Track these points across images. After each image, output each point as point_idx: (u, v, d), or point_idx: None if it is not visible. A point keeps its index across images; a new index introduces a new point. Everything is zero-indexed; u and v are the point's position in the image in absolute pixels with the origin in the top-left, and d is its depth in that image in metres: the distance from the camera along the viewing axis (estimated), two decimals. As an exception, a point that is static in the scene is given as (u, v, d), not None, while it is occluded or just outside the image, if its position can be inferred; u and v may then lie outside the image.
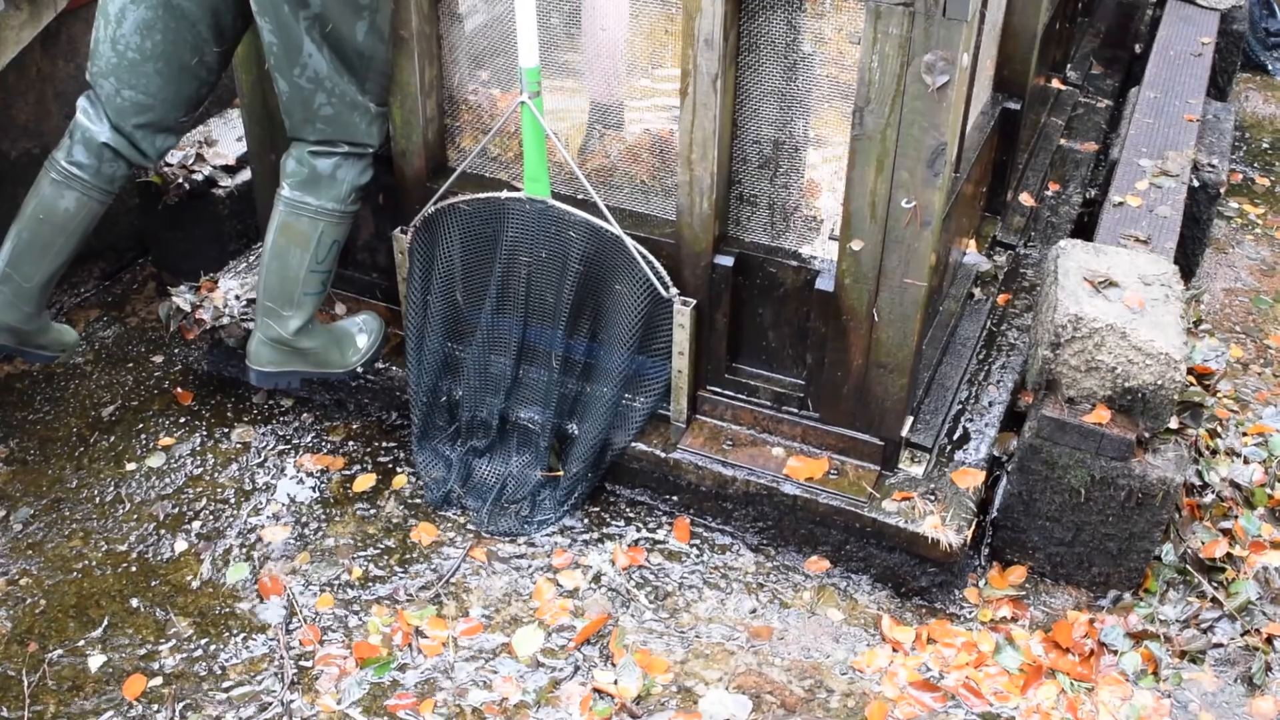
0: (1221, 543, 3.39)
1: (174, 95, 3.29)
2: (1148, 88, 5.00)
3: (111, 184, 3.36)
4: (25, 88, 3.99)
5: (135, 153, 3.34)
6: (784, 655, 3.20)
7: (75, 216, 3.35)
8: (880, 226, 3.06)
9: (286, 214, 3.39)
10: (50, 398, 3.99)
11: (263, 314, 3.48)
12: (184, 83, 3.29)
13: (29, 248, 3.36)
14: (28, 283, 3.39)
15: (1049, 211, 4.62)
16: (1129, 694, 3.10)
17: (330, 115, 3.29)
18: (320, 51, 3.18)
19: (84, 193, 3.33)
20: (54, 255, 3.39)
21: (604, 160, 3.46)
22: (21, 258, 3.37)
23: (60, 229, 3.36)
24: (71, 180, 3.31)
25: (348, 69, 3.25)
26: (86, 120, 3.30)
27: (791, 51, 3.06)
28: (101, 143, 3.29)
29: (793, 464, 3.42)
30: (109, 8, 3.19)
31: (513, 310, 3.50)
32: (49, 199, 3.33)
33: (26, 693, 3.03)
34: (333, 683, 3.06)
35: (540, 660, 3.14)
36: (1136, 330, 3.15)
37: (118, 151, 3.31)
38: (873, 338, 3.22)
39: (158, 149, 3.38)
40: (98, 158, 3.30)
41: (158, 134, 3.35)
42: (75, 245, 3.41)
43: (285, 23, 3.14)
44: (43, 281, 3.41)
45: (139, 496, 3.63)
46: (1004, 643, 3.23)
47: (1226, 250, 5.23)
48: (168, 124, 3.35)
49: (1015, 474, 3.39)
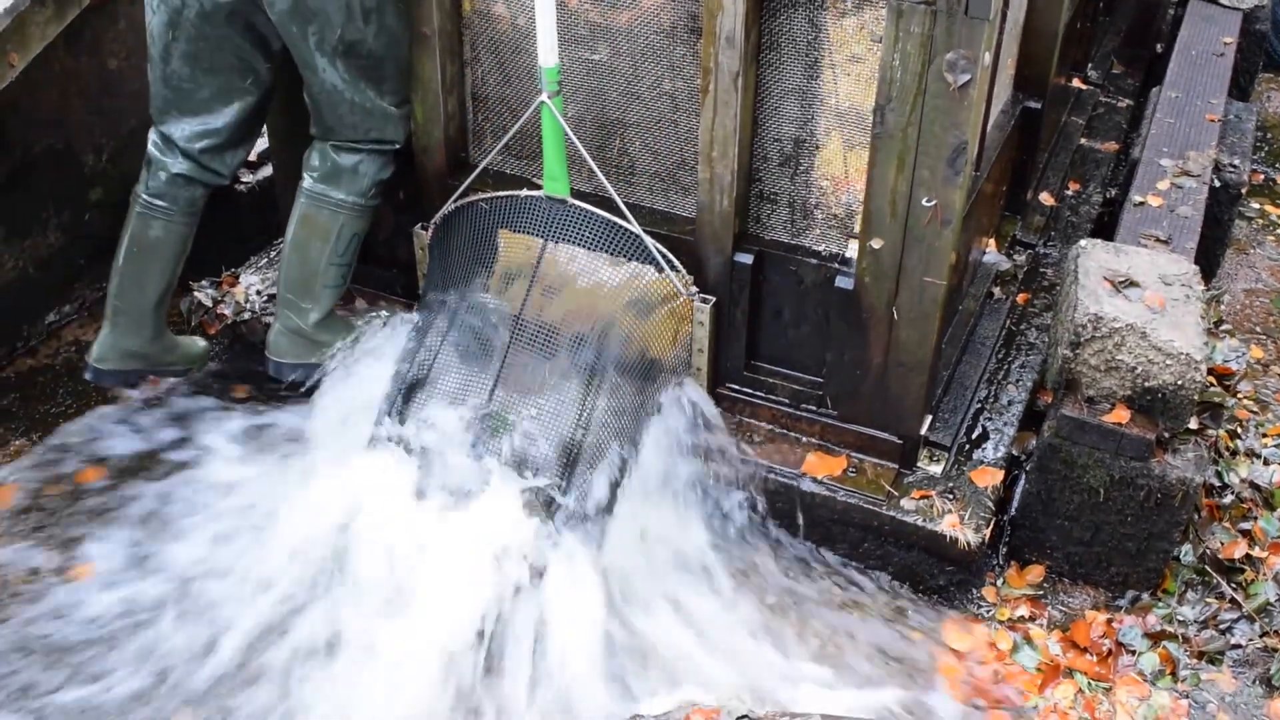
0: (1241, 544, 3.38)
1: (234, 115, 3.40)
2: (1169, 87, 4.99)
3: (192, 206, 3.50)
4: (49, 83, 4.01)
5: (209, 174, 3.46)
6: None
7: (165, 243, 3.49)
8: (900, 225, 3.06)
9: (308, 206, 3.44)
10: (72, 391, 4.01)
11: (283, 305, 3.53)
12: (241, 101, 3.39)
13: (131, 279, 3.51)
14: (139, 311, 3.55)
15: (1069, 211, 4.61)
16: (1146, 694, 3.09)
17: (354, 121, 3.36)
18: (333, 66, 3.25)
19: (168, 220, 3.47)
20: (155, 281, 3.53)
21: (623, 158, 3.47)
22: (126, 289, 3.52)
23: (155, 257, 3.50)
24: (154, 210, 3.46)
25: (364, 77, 3.30)
26: (157, 153, 3.43)
27: (813, 50, 3.06)
28: (175, 173, 3.43)
29: (811, 461, 3.42)
30: (153, 50, 3.32)
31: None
32: (137, 231, 3.48)
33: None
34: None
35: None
36: (1157, 330, 3.14)
37: (191, 178, 3.44)
38: (892, 336, 3.22)
39: (229, 166, 3.50)
40: (173, 186, 3.44)
41: (226, 152, 3.46)
42: (173, 268, 3.55)
43: (294, 42, 3.22)
44: (152, 307, 3.56)
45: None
46: (1022, 641, 3.23)
47: (1247, 251, 5.21)
48: (234, 141, 3.46)
49: (1034, 473, 3.38)
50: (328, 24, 3.17)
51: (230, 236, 4.26)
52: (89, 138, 4.27)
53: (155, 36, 3.29)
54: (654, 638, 3.20)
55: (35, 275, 4.18)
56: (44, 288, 4.24)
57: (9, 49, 3.63)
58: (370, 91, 3.33)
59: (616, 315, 3.33)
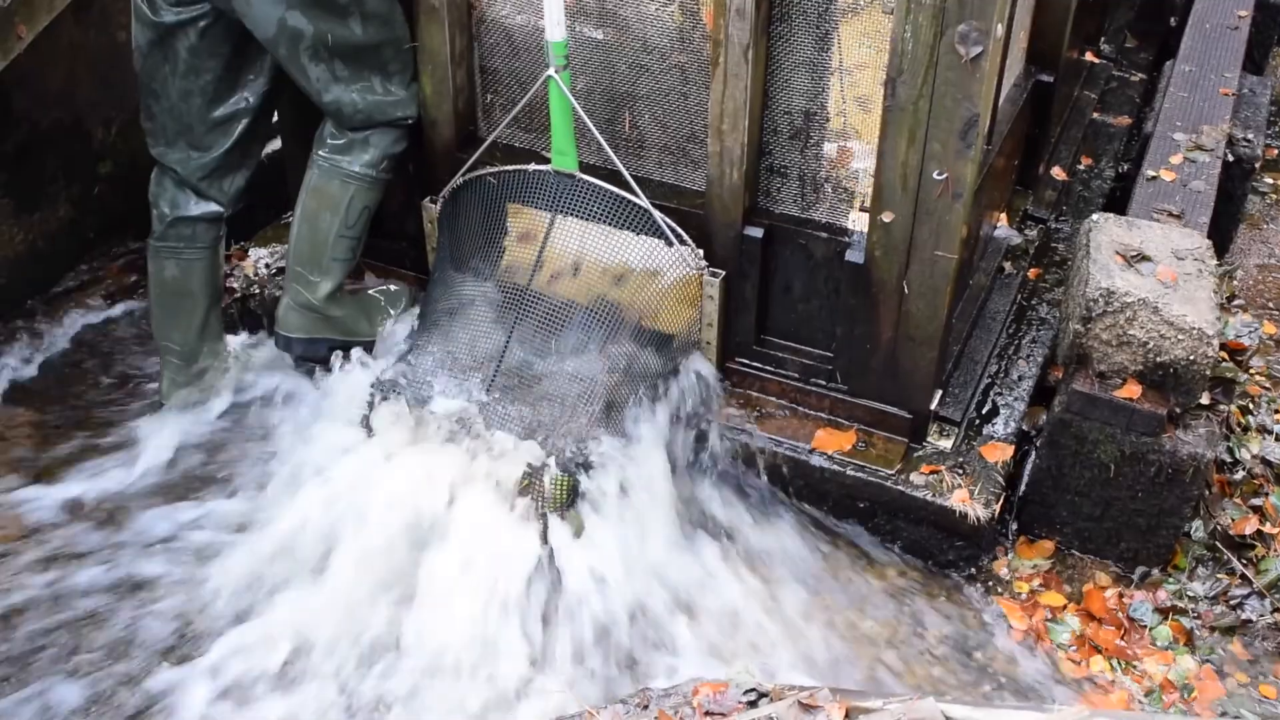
0: (1252, 520, 3.37)
1: (233, 143, 3.46)
2: (1183, 61, 4.95)
3: (202, 240, 3.56)
4: (57, 57, 4.00)
5: (208, 203, 3.51)
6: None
7: (187, 278, 3.58)
8: (911, 198, 3.04)
9: (319, 178, 3.44)
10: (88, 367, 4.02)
11: (292, 279, 3.52)
12: (237, 128, 3.44)
13: (165, 318, 3.62)
14: (183, 346, 3.62)
15: (1081, 186, 4.58)
16: (1171, 659, 3.10)
17: (362, 117, 3.39)
18: (330, 71, 3.27)
19: (180, 258, 3.55)
20: (187, 315, 3.62)
21: (633, 131, 3.45)
22: (164, 327, 3.63)
23: (181, 293, 3.60)
24: (164, 252, 3.55)
25: (365, 68, 3.33)
26: (158, 202, 3.51)
27: (824, 21, 3.04)
28: (176, 218, 3.50)
29: (821, 436, 3.41)
30: (152, 86, 3.35)
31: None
32: (156, 273, 3.58)
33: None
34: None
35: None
36: (1169, 305, 3.12)
37: (193, 219, 3.51)
38: (902, 310, 3.20)
39: (227, 193, 3.54)
40: (177, 227, 3.52)
41: (223, 178, 3.51)
42: (206, 298, 3.63)
43: (288, 61, 3.26)
44: (195, 339, 3.63)
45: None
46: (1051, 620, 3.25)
47: (1260, 226, 5.17)
48: (231, 167, 3.50)
49: (1044, 448, 3.37)
50: (314, 34, 3.19)
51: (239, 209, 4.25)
52: (97, 111, 4.26)
53: (149, 69, 3.32)
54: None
55: (44, 248, 4.18)
56: (53, 261, 4.24)
57: (16, 20, 3.62)
58: (375, 79, 3.34)
59: (626, 287, 3.33)
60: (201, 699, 3.00)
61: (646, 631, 3.15)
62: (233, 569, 3.26)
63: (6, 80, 3.76)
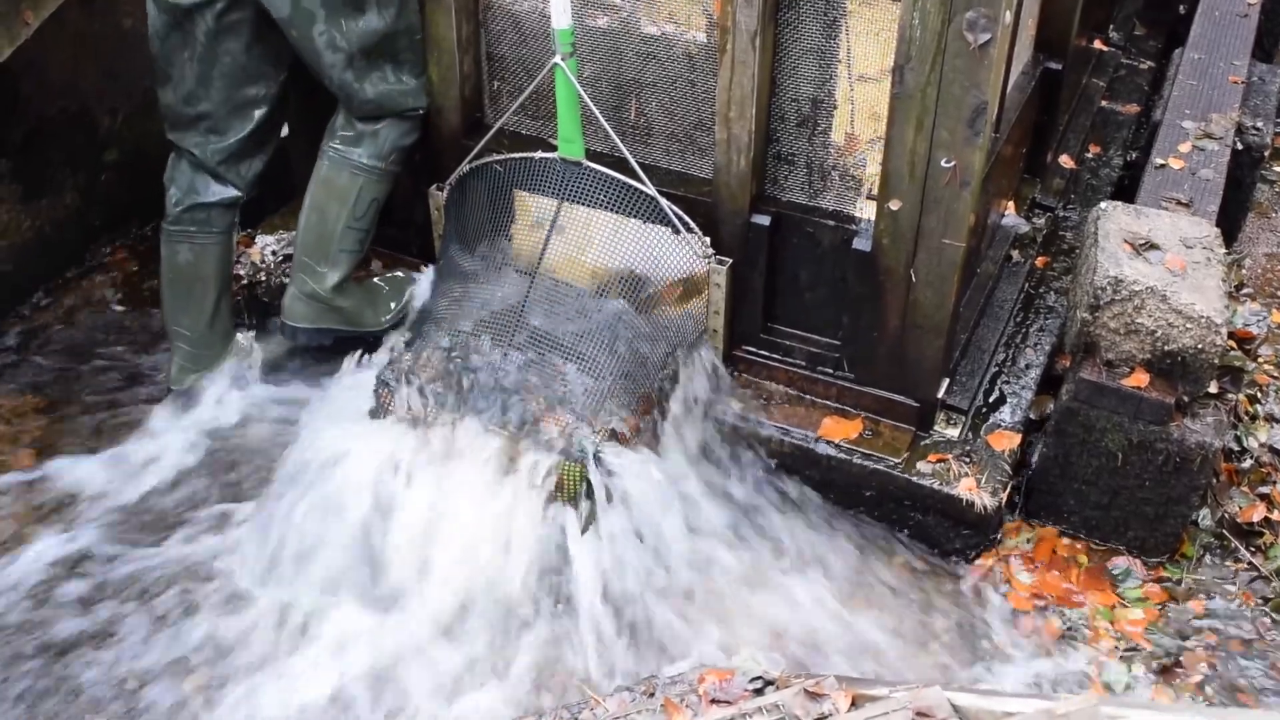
0: (1259, 508, 3.37)
1: (252, 127, 3.44)
2: (1192, 49, 4.93)
3: (217, 225, 3.54)
4: (63, 44, 4.00)
5: (225, 187, 3.49)
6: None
7: (200, 263, 3.55)
8: (919, 186, 3.03)
9: (329, 168, 3.45)
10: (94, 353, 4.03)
11: (299, 269, 3.53)
12: (257, 112, 3.42)
13: (177, 304, 3.59)
14: (193, 332, 3.59)
15: (1089, 174, 4.57)
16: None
17: (374, 98, 3.38)
18: (343, 56, 3.26)
19: (193, 243, 3.52)
20: (199, 300, 3.59)
21: (640, 119, 3.45)
22: (175, 312, 3.60)
23: (193, 279, 3.57)
24: (177, 236, 3.52)
25: (377, 54, 3.33)
26: (173, 186, 3.49)
27: (831, 8, 3.03)
28: (192, 203, 3.47)
29: (828, 424, 3.41)
30: (170, 70, 3.32)
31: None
32: (169, 258, 3.56)
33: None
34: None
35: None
36: (1177, 293, 3.11)
37: (209, 204, 3.49)
38: (909, 298, 3.20)
39: (245, 178, 3.52)
40: (191, 212, 3.50)
41: (240, 163, 3.49)
42: (218, 283, 3.60)
43: (303, 45, 3.25)
44: (206, 325, 3.60)
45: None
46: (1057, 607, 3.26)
47: (1269, 214, 5.16)
48: (249, 152, 3.48)
49: (1051, 437, 3.37)
50: (328, 16, 3.18)
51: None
52: (103, 99, 4.26)
53: (166, 53, 3.30)
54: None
55: (52, 236, 4.18)
56: (60, 249, 4.24)
57: (23, 7, 3.61)
58: (387, 67, 3.35)
59: (632, 276, 3.33)
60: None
61: (652, 615, 3.16)
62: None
63: (13, 67, 3.76)
